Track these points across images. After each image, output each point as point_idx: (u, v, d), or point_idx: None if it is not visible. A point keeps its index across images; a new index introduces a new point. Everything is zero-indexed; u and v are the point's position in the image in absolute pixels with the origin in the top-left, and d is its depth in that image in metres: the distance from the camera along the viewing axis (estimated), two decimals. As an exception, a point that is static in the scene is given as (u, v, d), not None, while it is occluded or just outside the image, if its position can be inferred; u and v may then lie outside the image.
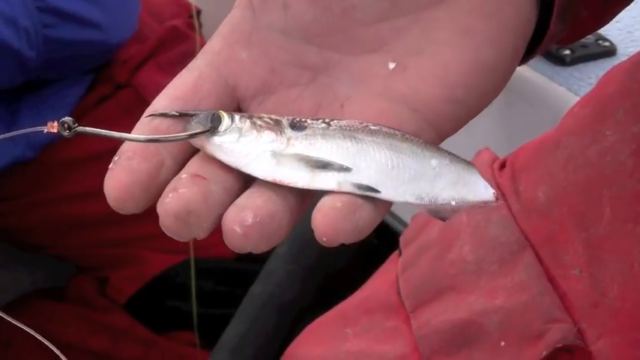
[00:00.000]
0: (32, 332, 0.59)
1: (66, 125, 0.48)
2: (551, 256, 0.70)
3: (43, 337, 0.63)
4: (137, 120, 0.49)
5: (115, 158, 0.47)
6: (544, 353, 0.66)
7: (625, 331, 0.67)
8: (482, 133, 0.57)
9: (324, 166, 0.48)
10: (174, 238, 0.47)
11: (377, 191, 0.48)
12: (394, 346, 0.71)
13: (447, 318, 0.70)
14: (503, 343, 0.68)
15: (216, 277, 1.07)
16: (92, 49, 1.19)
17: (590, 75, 1.00)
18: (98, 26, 1.16)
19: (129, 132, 0.48)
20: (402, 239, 0.76)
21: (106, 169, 0.47)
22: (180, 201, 0.46)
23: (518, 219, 0.72)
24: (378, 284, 0.76)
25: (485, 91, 0.53)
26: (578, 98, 0.78)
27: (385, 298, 0.74)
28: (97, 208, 0.48)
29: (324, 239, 0.46)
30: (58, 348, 0.59)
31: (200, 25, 1.32)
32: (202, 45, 0.54)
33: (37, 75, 1.14)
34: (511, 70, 0.55)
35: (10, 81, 1.11)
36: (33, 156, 1.17)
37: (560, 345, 0.66)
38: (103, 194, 0.47)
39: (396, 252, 0.76)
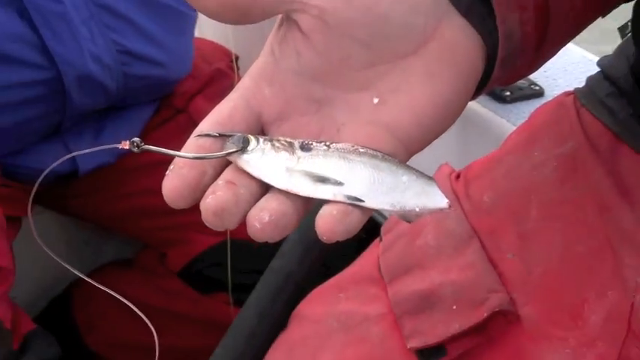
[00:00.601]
0: (112, 292, 0.59)
1: (135, 143, 0.48)
2: (492, 244, 0.70)
3: (114, 298, 0.63)
4: (188, 137, 0.50)
5: (171, 167, 0.48)
6: (485, 315, 0.66)
7: (545, 300, 0.67)
8: (443, 152, 0.57)
9: (323, 180, 0.48)
10: (212, 228, 0.47)
11: (362, 201, 0.48)
12: (375, 308, 0.71)
13: (414, 288, 0.70)
14: (455, 307, 0.68)
15: (245, 254, 1.07)
16: (157, 83, 1.19)
17: (524, 111, 0.99)
18: (163, 66, 1.16)
19: (182, 146, 0.49)
20: (382, 229, 0.76)
21: (164, 174, 0.47)
22: (217, 201, 0.46)
23: (468, 216, 0.72)
24: (364, 262, 0.76)
25: (444, 120, 0.53)
26: (514, 128, 0.78)
27: (369, 272, 0.74)
28: (157, 202, 0.48)
29: (325, 238, 0.46)
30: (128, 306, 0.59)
31: (238, 68, 1.32)
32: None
33: (117, 101, 1.13)
34: (464, 105, 0.54)
35: (97, 105, 1.10)
36: (112, 162, 1.17)
37: (497, 309, 0.67)
38: (161, 192, 0.47)
39: (378, 239, 0.76)
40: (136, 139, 0.48)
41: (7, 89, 1.00)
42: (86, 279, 0.58)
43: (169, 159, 0.48)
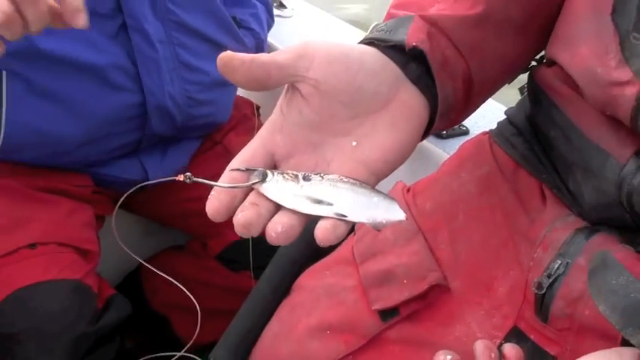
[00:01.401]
0: (161, 274, 0.60)
1: (187, 177, 0.48)
2: (431, 238, 0.70)
3: (172, 273, 0.64)
4: (223, 162, 0.50)
5: (212, 193, 0.48)
6: (426, 287, 0.67)
7: (467, 277, 0.67)
8: (399, 173, 0.57)
9: (319, 202, 0.48)
10: (241, 236, 0.47)
11: (346, 216, 0.48)
12: (350, 281, 0.71)
13: (377, 268, 0.70)
14: (405, 281, 0.68)
15: (261, 245, 1.06)
16: (208, 123, 1.18)
17: (455, 144, 0.98)
18: (214, 112, 1.16)
19: (218, 169, 0.49)
20: (356, 227, 0.76)
21: (206, 187, 0.48)
22: (245, 217, 0.47)
23: (415, 218, 0.72)
24: (343, 250, 0.75)
25: (401, 156, 0.53)
26: (448, 156, 0.78)
27: (346, 257, 0.74)
28: (202, 206, 0.48)
29: (322, 244, 0.47)
30: (180, 277, 0.60)
31: (259, 115, 1.31)
32: (259, 125, 0.54)
33: (178, 132, 1.12)
34: (415, 145, 0.55)
35: (166, 132, 1.09)
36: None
37: (434, 283, 0.67)
38: (204, 200, 0.48)
39: (352, 233, 0.76)
40: (188, 173, 0.48)
41: (108, 106, 1.00)
42: (144, 263, 0.58)
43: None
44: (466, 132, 1.09)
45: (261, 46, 1.22)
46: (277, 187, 0.48)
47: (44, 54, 0.93)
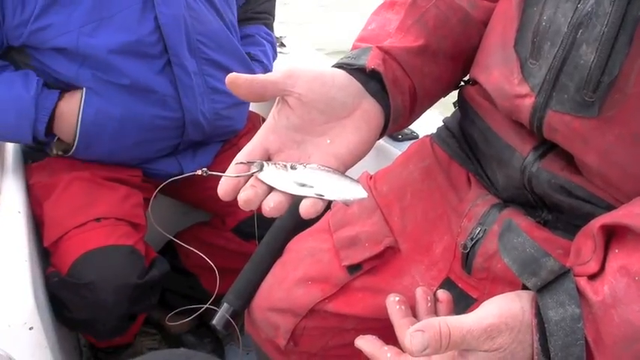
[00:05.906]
0: (187, 246, 0.59)
1: (204, 171, 0.47)
2: (387, 212, 0.70)
3: (199, 241, 0.62)
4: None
5: (222, 180, 0.47)
6: (382, 248, 0.66)
7: (412, 241, 0.67)
8: (364, 165, 0.57)
9: (303, 185, 0.47)
10: (244, 210, 0.47)
11: (323, 196, 0.47)
12: (326, 244, 0.71)
13: (346, 234, 0.70)
14: (367, 244, 0.67)
15: (263, 219, 1.05)
16: (229, 131, 1.16)
17: (407, 145, 0.98)
18: (234, 123, 1.14)
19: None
20: (332, 204, 0.76)
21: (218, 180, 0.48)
22: (246, 196, 0.46)
23: (375, 198, 0.71)
24: (322, 222, 0.74)
25: (363, 151, 0.53)
26: (400, 153, 0.78)
27: (324, 226, 0.73)
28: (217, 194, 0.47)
29: (305, 217, 0.46)
30: (205, 245, 0.58)
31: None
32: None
33: (206, 138, 1.11)
34: (373, 143, 0.54)
35: (197, 138, 1.09)
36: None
37: (388, 246, 0.67)
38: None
39: (329, 209, 0.75)
40: (204, 168, 0.47)
41: (156, 119, 1.00)
42: (173, 240, 0.56)
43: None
44: (416, 136, 1.08)
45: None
46: (271, 175, 0.47)
47: (117, 84, 0.96)
